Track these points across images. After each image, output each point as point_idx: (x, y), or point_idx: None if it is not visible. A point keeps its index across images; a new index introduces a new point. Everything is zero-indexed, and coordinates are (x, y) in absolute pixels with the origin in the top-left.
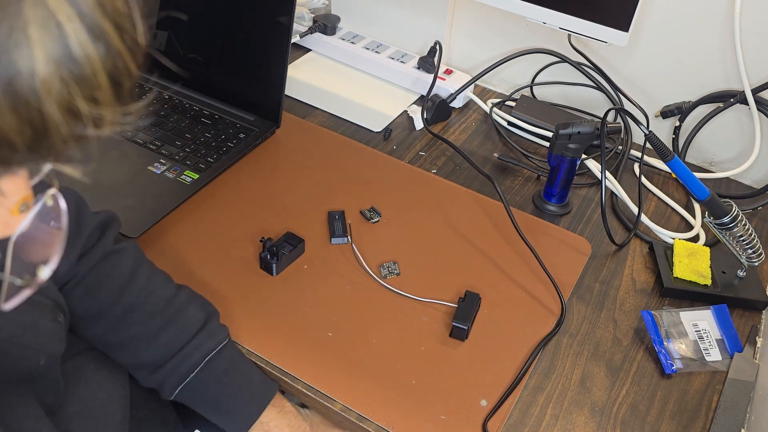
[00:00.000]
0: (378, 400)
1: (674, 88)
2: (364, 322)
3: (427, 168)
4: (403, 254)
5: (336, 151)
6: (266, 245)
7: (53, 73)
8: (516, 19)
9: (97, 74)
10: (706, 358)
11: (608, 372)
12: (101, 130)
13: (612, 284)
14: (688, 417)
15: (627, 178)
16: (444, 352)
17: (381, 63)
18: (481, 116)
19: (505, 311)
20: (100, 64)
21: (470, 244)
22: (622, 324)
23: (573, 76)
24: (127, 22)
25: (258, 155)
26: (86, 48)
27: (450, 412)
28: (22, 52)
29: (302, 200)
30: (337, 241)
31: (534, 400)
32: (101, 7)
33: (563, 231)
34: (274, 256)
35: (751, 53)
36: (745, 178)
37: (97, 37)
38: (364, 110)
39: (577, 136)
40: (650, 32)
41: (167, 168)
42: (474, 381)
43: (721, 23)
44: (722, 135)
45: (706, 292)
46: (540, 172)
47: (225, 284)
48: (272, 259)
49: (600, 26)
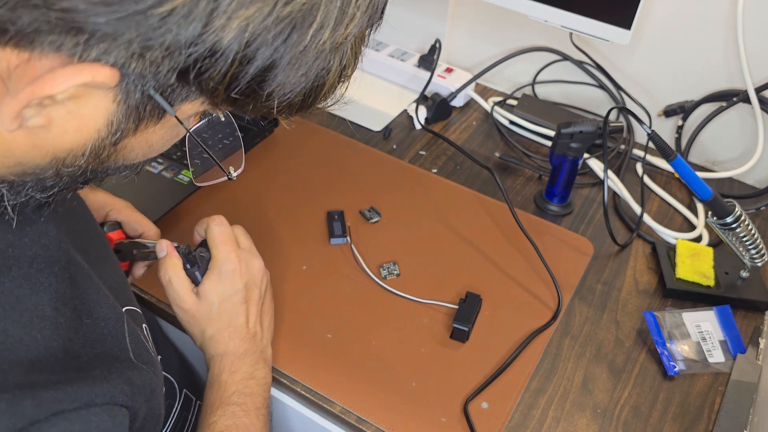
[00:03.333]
0: (378, 402)
1: (677, 86)
2: (363, 323)
3: (427, 167)
4: (403, 255)
5: (335, 150)
6: (183, 252)
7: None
8: (517, 17)
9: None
10: (708, 360)
11: (610, 373)
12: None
13: (614, 285)
14: (691, 419)
15: (629, 178)
16: (444, 353)
17: (381, 61)
18: (482, 115)
19: (506, 312)
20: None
21: (471, 244)
22: (625, 325)
23: (575, 75)
24: None
25: (257, 155)
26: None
27: (450, 415)
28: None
29: (301, 200)
30: (337, 242)
31: (535, 402)
32: None
33: (565, 231)
34: (195, 264)
35: (754, 52)
36: (748, 177)
37: None
38: (363, 109)
39: (579, 135)
40: (653, 30)
41: (164, 167)
42: (475, 383)
43: (724, 22)
44: (725, 134)
45: (708, 293)
46: (542, 172)
47: None
48: (193, 267)
49: (602, 24)
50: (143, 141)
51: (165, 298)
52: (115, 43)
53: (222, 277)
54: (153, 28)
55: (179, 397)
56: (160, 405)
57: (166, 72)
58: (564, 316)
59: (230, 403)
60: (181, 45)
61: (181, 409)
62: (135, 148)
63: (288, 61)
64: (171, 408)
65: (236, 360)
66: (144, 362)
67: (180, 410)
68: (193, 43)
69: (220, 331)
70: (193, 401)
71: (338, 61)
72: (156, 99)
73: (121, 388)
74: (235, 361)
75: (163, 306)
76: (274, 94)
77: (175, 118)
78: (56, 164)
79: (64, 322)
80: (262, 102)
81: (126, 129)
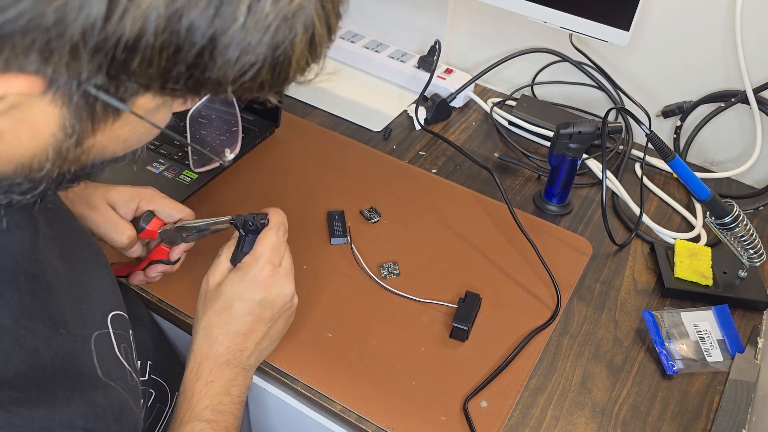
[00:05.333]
0: (377, 401)
1: (675, 87)
2: (363, 322)
3: (427, 168)
4: (403, 254)
5: (336, 150)
6: (239, 221)
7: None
8: (516, 18)
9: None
10: (707, 359)
11: (609, 373)
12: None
13: (613, 285)
14: (689, 418)
15: (628, 178)
16: (444, 353)
17: (381, 62)
18: (481, 116)
19: (505, 312)
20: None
21: (470, 244)
22: (623, 324)
23: (574, 76)
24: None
25: (257, 155)
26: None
27: (450, 414)
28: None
29: (301, 200)
30: (337, 242)
31: (534, 401)
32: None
33: (564, 231)
34: (243, 240)
35: (753, 53)
36: (746, 178)
37: None
38: (363, 110)
39: (578, 135)
40: (651, 31)
41: (166, 168)
42: (474, 382)
43: (723, 22)
44: (723, 135)
45: (707, 293)
46: (541, 172)
47: None
48: (243, 245)
49: (601, 25)
50: (112, 138)
51: (166, 298)
52: (18, 49)
53: (245, 278)
54: (53, 23)
55: (171, 402)
56: (135, 420)
57: (92, 69)
58: (563, 315)
59: (201, 418)
60: (92, 35)
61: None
62: (107, 146)
63: (229, 39)
64: (162, 412)
65: (215, 369)
66: (113, 378)
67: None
68: (102, 29)
69: (214, 325)
70: None
71: (302, 32)
72: (101, 98)
73: (82, 411)
74: (215, 370)
75: (164, 306)
76: (226, 76)
77: (134, 114)
78: (24, 171)
79: (28, 335)
80: (218, 85)
81: (83, 130)
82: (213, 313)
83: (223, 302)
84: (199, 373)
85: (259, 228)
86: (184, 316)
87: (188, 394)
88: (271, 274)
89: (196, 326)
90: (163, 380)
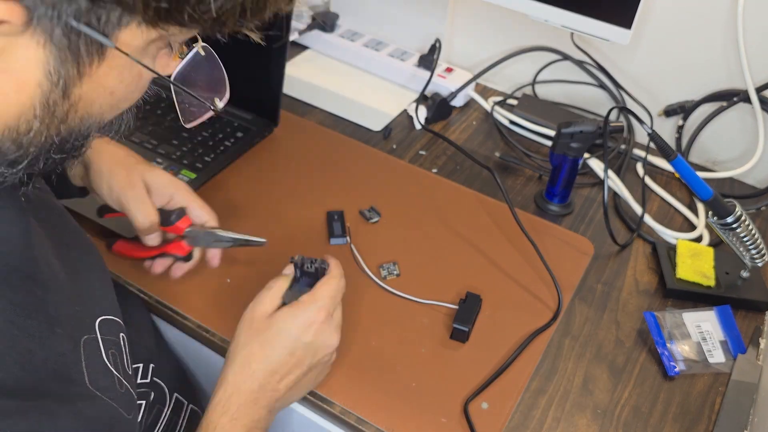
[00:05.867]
0: (377, 402)
1: (677, 86)
2: (363, 323)
3: (427, 167)
4: (403, 255)
5: (335, 150)
6: (296, 262)
7: None
8: (517, 16)
9: None
10: (709, 360)
11: (611, 374)
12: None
13: (614, 285)
14: (691, 419)
15: (629, 178)
16: (444, 354)
17: (380, 61)
18: (482, 115)
19: (506, 312)
20: None
21: (471, 244)
22: (625, 325)
23: (575, 75)
24: None
25: (256, 154)
26: None
27: (450, 415)
28: None
29: (301, 200)
30: (336, 242)
31: (535, 402)
32: None
33: (565, 231)
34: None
35: (755, 52)
36: (749, 177)
37: None
38: (363, 109)
39: (579, 135)
40: (653, 30)
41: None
42: (475, 383)
43: (725, 21)
44: (726, 134)
45: (709, 293)
46: (542, 172)
47: (224, 285)
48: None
49: (602, 24)
50: (98, 87)
51: (166, 298)
52: None
53: (299, 317)
54: None
55: (169, 402)
56: (129, 427)
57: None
58: (564, 316)
59: None
60: None
61: (172, 413)
62: (94, 98)
63: None
64: (161, 413)
65: (243, 406)
66: (100, 388)
67: (170, 415)
68: None
69: (254, 357)
70: (185, 405)
71: None
72: (83, 31)
73: (67, 423)
74: (242, 407)
75: (164, 307)
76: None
77: (117, 49)
78: (12, 134)
79: (21, 335)
80: (199, 10)
81: (69, 75)
82: (257, 345)
83: (270, 335)
84: (226, 407)
85: (318, 272)
86: (183, 318)
87: (211, 426)
88: (325, 321)
89: (234, 352)
90: (163, 382)
